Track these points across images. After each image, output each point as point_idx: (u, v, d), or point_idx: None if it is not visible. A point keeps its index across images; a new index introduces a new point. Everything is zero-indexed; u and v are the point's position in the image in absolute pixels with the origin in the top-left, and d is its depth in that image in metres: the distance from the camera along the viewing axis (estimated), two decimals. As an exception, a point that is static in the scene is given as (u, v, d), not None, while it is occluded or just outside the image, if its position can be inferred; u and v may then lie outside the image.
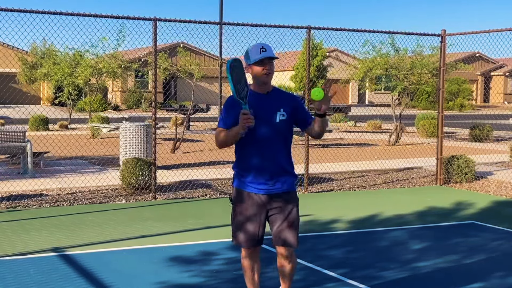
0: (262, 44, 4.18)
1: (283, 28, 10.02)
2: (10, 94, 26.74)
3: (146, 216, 8.11)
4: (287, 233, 4.23)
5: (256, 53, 4.15)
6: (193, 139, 19.73)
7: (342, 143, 19.14)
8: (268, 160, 4.18)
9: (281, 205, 4.23)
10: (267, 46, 4.18)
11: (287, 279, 4.40)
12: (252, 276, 4.42)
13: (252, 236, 4.25)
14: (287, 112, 4.22)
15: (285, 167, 4.25)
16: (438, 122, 11.15)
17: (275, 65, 4.26)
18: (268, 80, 4.20)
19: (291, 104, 4.25)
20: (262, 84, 4.21)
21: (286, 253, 4.29)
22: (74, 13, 8.67)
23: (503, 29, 10.61)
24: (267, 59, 4.15)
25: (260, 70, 4.16)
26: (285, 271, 4.37)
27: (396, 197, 10.06)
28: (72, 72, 24.34)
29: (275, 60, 4.26)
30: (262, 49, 4.15)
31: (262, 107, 4.16)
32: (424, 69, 18.97)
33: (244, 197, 4.25)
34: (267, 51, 4.15)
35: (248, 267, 4.40)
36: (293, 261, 4.36)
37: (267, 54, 4.14)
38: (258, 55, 4.14)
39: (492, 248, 6.75)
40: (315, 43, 39.40)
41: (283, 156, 4.24)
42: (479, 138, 19.87)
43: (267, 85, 4.24)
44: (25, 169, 11.22)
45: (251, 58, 4.16)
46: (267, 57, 4.14)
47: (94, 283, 5.26)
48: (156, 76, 9.31)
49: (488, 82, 59.84)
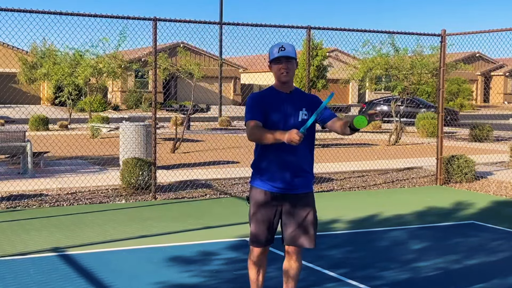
0: (283, 43, 4.18)
1: (283, 28, 10.01)
2: (10, 94, 26.74)
3: (146, 216, 8.11)
4: (302, 234, 4.20)
5: (275, 51, 4.17)
6: (193, 139, 19.73)
7: (342, 143, 19.14)
8: (289, 159, 4.13)
9: (298, 206, 4.20)
10: (288, 46, 4.18)
11: (292, 283, 4.34)
12: (257, 277, 4.39)
13: (266, 237, 4.23)
14: (309, 112, 4.20)
15: (305, 167, 4.22)
16: (438, 122, 11.15)
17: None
18: (286, 79, 4.17)
19: (313, 105, 4.23)
20: (282, 83, 4.21)
21: (296, 253, 4.28)
22: (74, 13, 8.67)
23: (503, 29, 10.61)
24: (284, 58, 4.14)
25: (278, 69, 4.16)
26: (290, 272, 4.33)
27: (396, 197, 10.06)
28: (72, 72, 24.33)
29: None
30: (281, 48, 4.15)
31: (284, 106, 4.16)
32: (424, 69, 18.97)
33: (260, 195, 4.21)
34: (285, 50, 4.14)
35: (254, 268, 4.36)
36: (299, 262, 4.34)
37: (284, 53, 4.13)
38: (275, 54, 4.16)
39: (492, 248, 6.75)
40: (315, 43, 39.37)
41: (304, 156, 4.20)
42: (479, 138, 19.87)
43: (288, 84, 4.22)
44: (25, 169, 11.22)
45: (270, 56, 4.19)
46: (284, 56, 4.13)
47: (94, 283, 5.26)
48: (156, 76, 9.31)
49: (488, 82, 59.84)
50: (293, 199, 4.19)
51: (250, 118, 4.12)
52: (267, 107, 4.14)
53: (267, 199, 4.19)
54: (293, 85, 4.27)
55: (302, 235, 4.21)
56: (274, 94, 4.19)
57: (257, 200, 4.23)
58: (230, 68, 47.74)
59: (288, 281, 4.36)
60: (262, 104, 4.15)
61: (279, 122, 4.12)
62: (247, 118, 4.14)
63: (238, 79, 49.34)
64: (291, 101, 4.19)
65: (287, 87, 4.22)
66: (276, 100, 4.16)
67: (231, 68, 47.95)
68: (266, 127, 4.10)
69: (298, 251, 4.28)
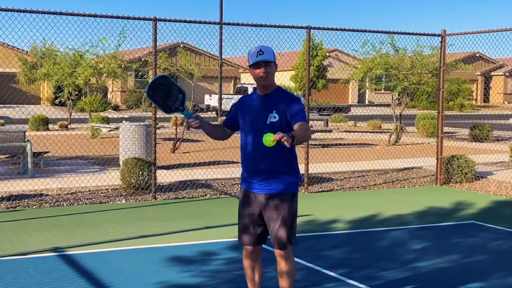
0: (261, 47, 4.20)
1: (283, 28, 10.02)
2: (10, 94, 26.74)
3: (146, 216, 8.11)
4: (278, 234, 4.19)
5: (253, 56, 4.18)
6: (193, 139, 19.73)
7: (342, 143, 19.14)
8: (261, 161, 4.20)
9: (274, 206, 4.20)
10: (266, 49, 4.19)
11: (285, 282, 4.31)
12: (252, 276, 4.42)
13: (248, 234, 4.31)
14: (279, 114, 4.18)
15: (279, 168, 4.21)
16: (438, 122, 11.15)
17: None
18: (265, 83, 4.21)
19: (285, 105, 4.19)
20: (261, 86, 4.26)
21: (280, 254, 4.25)
22: (74, 13, 8.67)
23: (503, 29, 10.61)
24: (263, 62, 4.16)
25: (257, 73, 4.20)
26: (282, 273, 4.31)
27: (396, 197, 10.06)
28: (72, 72, 24.32)
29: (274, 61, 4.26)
30: (259, 52, 4.17)
31: (255, 109, 4.25)
32: (424, 69, 18.97)
33: (244, 195, 4.34)
34: (264, 54, 4.15)
35: (248, 266, 4.41)
36: (289, 263, 4.27)
37: (262, 57, 4.15)
38: (254, 58, 4.17)
39: (492, 248, 6.76)
40: (315, 43, 39.38)
41: (277, 158, 4.19)
42: (479, 138, 19.86)
43: (268, 87, 4.25)
44: (25, 169, 11.22)
45: (249, 60, 4.22)
46: (263, 60, 4.15)
47: (94, 283, 5.26)
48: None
49: (488, 82, 59.84)
50: (266, 199, 4.21)
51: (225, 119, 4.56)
52: (239, 111, 4.37)
53: (245, 197, 4.32)
54: (273, 86, 4.26)
55: (278, 231, 4.20)
56: (251, 97, 4.36)
57: (240, 198, 4.39)
58: (230, 68, 47.73)
59: (282, 282, 4.34)
60: (235, 110, 4.41)
61: (248, 123, 4.27)
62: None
63: (238, 79, 49.35)
64: (263, 103, 4.25)
65: (264, 89, 4.26)
66: (250, 102, 4.33)
67: (231, 68, 47.95)
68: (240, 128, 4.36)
69: (282, 252, 4.24)
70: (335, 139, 20.73)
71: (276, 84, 4.31)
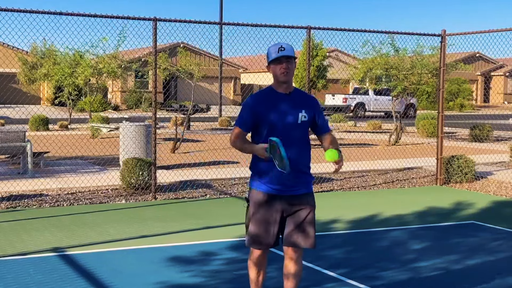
0: (282, 44, 4.19)
1: (283, 28, 10.01)
2: (10, 94, 26.73)
3: (146, 216, 8.11)
4: (301, 235, 4.18)
5: (274, 52, 4.17)
6: (193, 139, 19.73)
7: (342, 143, 19.13)
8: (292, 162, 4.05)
9: (298, 207, 4.18)
10: (287, 46, 4.18)
11: (292, 284, 4.29)
12: (257, 277, 4.37)
13: (266, 238, 4.20)
14: (308, 114, 4.21)
15: (304, 169, 4.22)
16: (438, 122, 11.15)
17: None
18: (287, 79, 4.17)
19: (312, 107, 4.26)
20: (281, 83, 4.20)
21: (295, 255, 4.23)
22: (74, 13, 8.67)
23: (503, 29, 10.61)
24: (284, 58, 4.14)
25: (278, 69, 4.16)
26: (290, 274, 4.27)
27: (396, 197, 10.06)
28: (72, 72, 24.33)
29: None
30: (280, 48, 4.15)
31: (283, 107, 4.16)
32: (424, 69, 18.97)
33: (261, 197, 4.19)
34: (285, 50, 4.14)
35: (255, 269, 4.34)
36: (299, 264, 4.29)
37: (284, 53, 4.13)
38: (275, 54, 4.15)
39: (492, 248, 6.75)
40: (315, 43, 39.37)
41: (303, 157, 4.21)
42: (479, 138, 19.86)
43: (288, 85, 4.21)
44: (25, 169, 11.22)
45: (269, 57, 4.19)
46: (284, 55, 4.13)
47: (94, 283, 5.26)
48: (156, 76, 9.31)
49: (488, 82, 59.84)
50: (292, 200, 4.17)
51: (238, 124, 4.22)
52: (263, 110, 4.14)
53: (266, 200, 4.17)
54: (292, 86, 4.26)
55: (301, 236, 4.19)
56: (273, 95, 4.19)
57: (256, 201, 4.21)
58: (230, 68, 47.73)
59: (288, 283, 4.31)
60: (256, 109, 4.16)
61: (277, 122, 4.12)
62: (237, 122, 4.23)
63: (238, 79, 49.34)
64: (290, 102, 4.19)
65: (286, 87, 4.21)
66: (274, 101, 4.16)
67: (231, 68, 47.95)
68: (265, 128, 4.13)
69: (297, 253, 4.24)
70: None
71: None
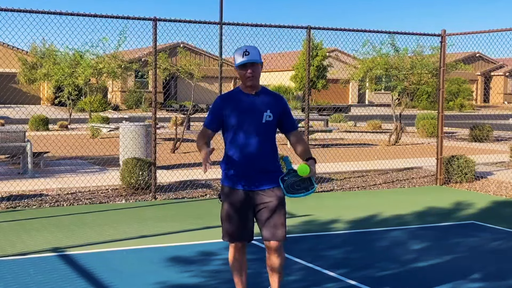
0: (247, 47, 4.22)
1: (283, 28, 10.02)
2: (10, 94, 26.73)
3: (146, 216, 8.11)
4: (274, 227, 4.31)
5: (239, 56, 4.22)
6: (193, 139, 19.71)
7: (342, 143, 19.14)
8: (254, 158, 4.27)
9: (267, 201, 4.31)
10: (252, 49, 4.22)
11: (276, 276, 4.43)
12: (241, 275, 4.51)
13: (237, 231, 4.35)
14: (273, 114, 4.32)
15: (269, 166, 4.35)
16: (438, 122, 11.15)
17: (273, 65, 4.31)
18: (252, 83, 4.26)
19: (279, 106, 4.36)
20: (248, 86, 4.30)
21: (274, 247, 4.34)
22: (74, 13, 8.67)
23: (503, 29, 10.60)
24: (249, 63, 4.21)
25: (243, 73, 4.24)
26: (273, 266, 4.41)
27: (396, 197, 10.06)
28: (72, 72, 24.33)
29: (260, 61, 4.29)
30: (245, 53, 4.20)
31: (249, 108, 4.27)
32: (424, 69, 18.97)
33: (231, 193, 4.35)
34: (249, 55, 4.19)
35: (236, 264, 4.48)
36: (281, 256, 4.40)
37: (248, 58, 4.18)
38: (240, 59, 4.21)
39: (492, 248, 6.75)
40: (315, 43, 39.38)
41: (268, 155, 4.34)
42: (479, 138, 19.86)
43: (254, 87, 4.31)
44: (25, 169, 11.22)
45: (235, 61, 4.26)
46: (249, 61, 4.19)
47: (94, 283, 5.26)
48: (156, 76, 9.31)
49: (488, 82, 59.85)
50: (259, 195, 4.31)
51: (205, 123, 4.38)
52: (229, 110, 4.28)
53: (236, 196, 4.32)
54: (259, 86, 4.35)
55: (272, 229, 4.32)
56: (240, 96, 4.32)
57: (228, 198, 4.36)
58: (230, 68, 47.71)
59: (272, 276, 4.45)
60: (222, 109, 4.30)
61: (242, 122, 4.26)
62: (205, 121, 4.39)
63: (238, 79, 49.35)
64: (256, 102, 4.30)
65: (252, 89, 4.31)
66: (240, 101, 4.29)
67: (231, 68, 47.90)
68: (231, 127, 4.29)
69: (276, 245, 4.35)
70: (335, 139, 20.73)
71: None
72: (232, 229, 4.36)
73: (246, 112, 4.26)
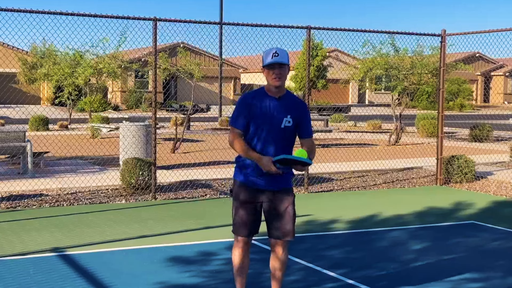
0: (277, 49, 4.27)
1: (283, 28, 10.01)
2: (10, 94, 26.74)
3: (146, 216, 8.11)
4: (283, 227, 4.38)
5: (268, 57, 4.26)
6: (193, 139, 19.73)
7: (342, 143, 19.14)
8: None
9: (278, 200, 4.38)
10: (281, 51, 4.27)
11: (279, 275, 4.48)
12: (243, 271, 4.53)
13: (247, 225, 4.40)
14: (293, 119, 4.36)
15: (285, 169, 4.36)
16: (438, 122, 11.15)
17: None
18: (277, 84, 4.29)
19: (298, 112, 4.39)
20: (273, 87, 4.32)
21: (281, 245, 4.42)
22: (74, 13, 8.67)
23: (503, 29, 10.61)
24: (277, 64, 4.24)
25: (270, 74, 4.27)
26: (276, 265, 4.47)
27: (396, 197, 10.06)
28: (72, 72, 24.33)
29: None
30: (274, 54, 4.24)
31: (271, 111, 4.30)
32: (424, 69, 18.97)
33: (244, 188, 4.39)
34: (278, 56, 4.23)
35: (239, 258, 4.50)
36: (286, 256, 4.48)
37: (277, 59, 4.23)
38: (269, 59, 4.25)
39: (492, 248, 6.76)
40: (315, 43, 39.38)
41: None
42: (479, 138, 19.86)
43: (279, 89, 4.33)
44: (25, 169, 11.22)
45: (264, 61, 4.29)
46: (277, 62, 4.22)
47: (94, 283, 5.26)
48: (156, 76, 9.31)
49: (488, 82, 59.85)
50: (272, 194, 4.38)
51: (233, 123, 4.35)
52: (253, 110, 4.30)
53: (248, 192, 4.38)
54: (284, 90, 4.37)
55: (281, 228, 4.39)
56: (264, 98, 4.33)
57: (239, 194, 4.40)
58: (230, 68, 47.72)
59: (275, 274, 4.51)
60: (248, 108, 4.30)
61: (263, 125, 4.29)
62: (232, 121, 4.36)
63: (238, 79, 49.32)
64: (278, 107, 4.32)
65: (277, 91, 4.34)
66: (264, 104, 4.31)
67: (231, 68, 47.94)
68: (252, 127, 4.29)
69: (282, 244, 4.43)
70: (335, 139, 20.73)
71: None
72: (243, 224, 4.41)
73: (267, 115, 4.29)
